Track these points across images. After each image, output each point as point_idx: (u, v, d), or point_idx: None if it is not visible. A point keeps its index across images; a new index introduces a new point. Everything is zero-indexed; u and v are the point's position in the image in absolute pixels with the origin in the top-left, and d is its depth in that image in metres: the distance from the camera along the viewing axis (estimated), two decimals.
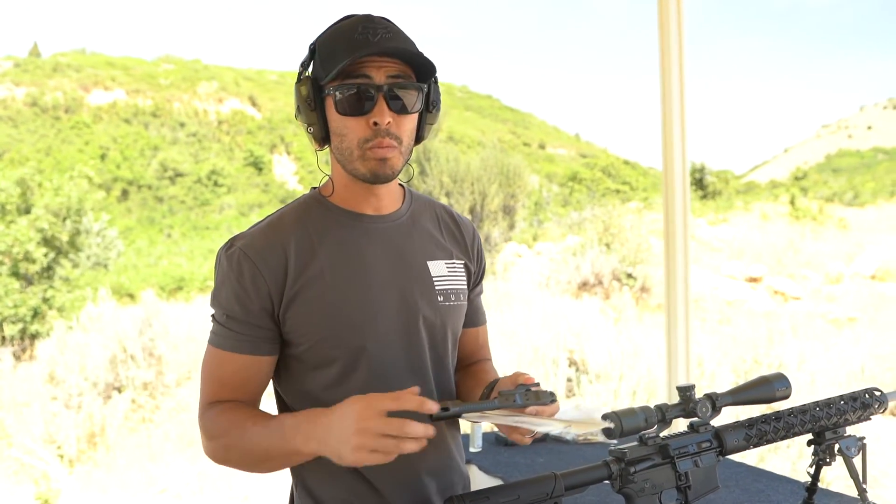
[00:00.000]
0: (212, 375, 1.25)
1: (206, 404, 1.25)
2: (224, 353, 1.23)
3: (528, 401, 1.11)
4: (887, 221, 19.77)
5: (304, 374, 1.27)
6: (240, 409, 1.21)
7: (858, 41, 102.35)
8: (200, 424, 1.25)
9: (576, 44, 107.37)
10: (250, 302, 1.21)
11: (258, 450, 1.15)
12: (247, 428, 1.16)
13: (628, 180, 31.54)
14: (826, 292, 13.30)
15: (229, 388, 1.24)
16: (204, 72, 49.17)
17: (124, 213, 31.96)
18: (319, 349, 1.24)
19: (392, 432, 0.98)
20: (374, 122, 1.19)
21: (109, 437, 6.55)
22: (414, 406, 0.99)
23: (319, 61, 1.22)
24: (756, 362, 6.51)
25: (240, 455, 1.19)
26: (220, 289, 1.24)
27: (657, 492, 1.25)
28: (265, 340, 1.23)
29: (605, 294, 11.98)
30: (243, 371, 1.24)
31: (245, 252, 1.22)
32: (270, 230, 1.26)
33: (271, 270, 1.21)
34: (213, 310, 1.26)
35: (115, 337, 7.46)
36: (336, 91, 1.19)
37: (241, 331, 1.22)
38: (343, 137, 1.23)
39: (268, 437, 1.14)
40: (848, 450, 1.38)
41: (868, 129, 75.45)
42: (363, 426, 0.99)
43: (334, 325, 1.23)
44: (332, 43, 1.21)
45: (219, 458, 1.23)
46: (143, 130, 40.39)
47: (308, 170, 41.14)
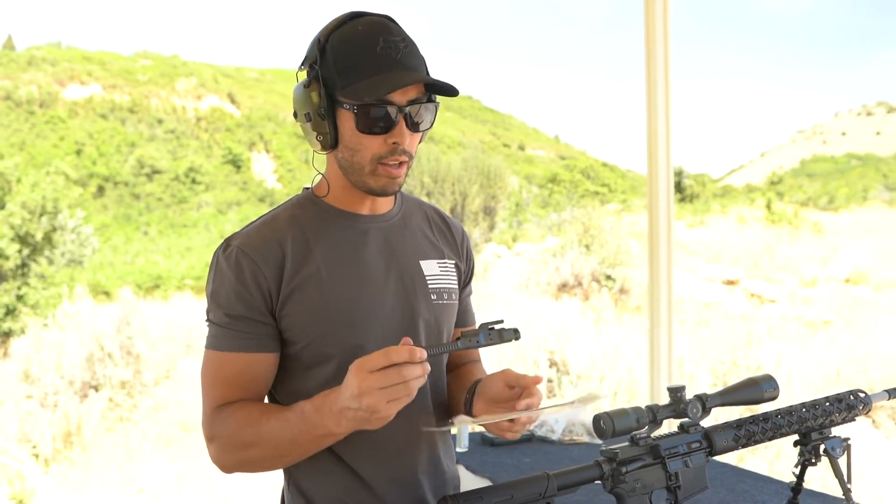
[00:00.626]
0: (216, 379, 1.23)
1: (213, 409, 1.22)
2: (227, 354, 1.22)
3: (491, 340, 1.11)
4: (860, 226, 20.10)
5: (298, 374, 1.26)
6: (251, 406, 1.20)
7: (834, 49, 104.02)
8: (209, 432, 1.21)
9: (556, 46, 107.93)
10: (252, 299, 1.20)
11: (283, 442, 1.14)
12: (262, 423, 1.15)
13: (607, 182, 31.70)
14: (801, 295, 13.50)
15: (236, 390, 1.22)
16: (182, 68, 48.73)
17: (100, 209, 31.58)
18: (315, 348, 1.23)
19: (393, 382, 0.99)
20: (394, 143, 1.19)
21: (86, 437, 6.47)
22: (404, 357, 1.00)
23: (335, 70, 1.18)
24: (734, 364, 6.59)
25: (260, 451, 1.16)
26: (219, 290, 1.22)
27: (648, 492, 1.26)
28: (269, 337, 1.23)
29: (584, 295, 12.05)
30: (249, 370, 1.22)
31: (243, 250, 1.21)
32: (266, 228, 1.25)
33: (269, 267, 1.21)
34: (211, 313, 1.24)
35: (91, 335, 7.37)
36: (356, 109, 1.17)
37: (245, 329, 1.21)
38: (356, 152, 1.21)
39: (290, 427, 1.12)
40: (833, 450, 1.40)
41: (842, 135, 76.65)
42: (364, 387, 0.99)
43: (330, 324, 1.22)
44: (351, 53, 1.18)
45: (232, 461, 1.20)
46: (119, 126, 39.94)
47: (287, 168, 40.94)
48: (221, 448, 1.20)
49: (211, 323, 1.24)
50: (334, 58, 1.19)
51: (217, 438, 1.20)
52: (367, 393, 0.99)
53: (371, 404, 0.99)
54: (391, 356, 1.00)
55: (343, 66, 1.18)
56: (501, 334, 1.11)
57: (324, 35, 1.21)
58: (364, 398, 0.99)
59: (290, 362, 1.26)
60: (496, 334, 1.10)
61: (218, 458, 1.21)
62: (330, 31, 1.21)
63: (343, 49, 1.19)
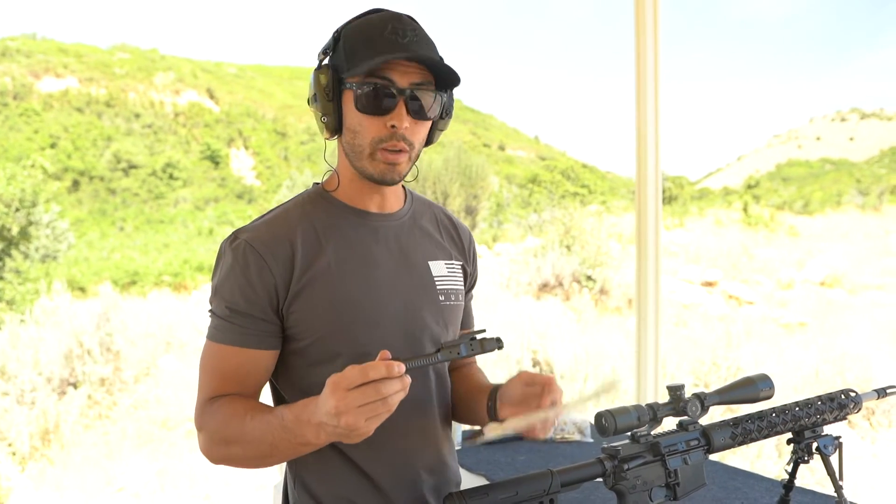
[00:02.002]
0: (213, 370, 1.23)
1: (206, 400, 1.22)
2: (226, 347, 1.21)
3: (472, 350, 1.09)
4: (835, 230, 20.42)
5: (304, 370, 1.26)
6: (238, 402, 1.19)
7: (810, 56, 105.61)
8: (199, 421, 1.22)
9: (537, 47, 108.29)
10: (255, 295, 1.20)
11: (263, 444, 1.13)
12: (245, 422, 1.14)
13: (587, 184, 31.87)
14: (778, 297, 13.69)
15: (231, 383, 1.22)
16: (161, 62, 48.22)
17: (75, 204, 31.19)
18: (322, 345, 1.23)
19: (371, 399, 0.97)
20: (392, 125, 1.20)
21: (64, 435, 6.38)
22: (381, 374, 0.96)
23: (343, 53, 1.21)
24: (714, 364, 6.67)
25: (243, 449, 1.16)
26: (224, 282, 1.22)
27: (648, 488, 1.29)
28: (269, 334, 1.22)
29: (565, 295, 12.12)
30: (246, 365, 1.22)
31: (251, 244, 1.20)
32: (276, 224, 1.25)
33: (278, 263, 1.20)
34: (214, 304, 1.24)
35: (70, 331, 7.27)
36: (357, 87, 1.19)
37: (246, 324, 1.20)
38: (356, 134, 1.22)
39: (270, 431, 1.11)
40: (825, 448, 1.44)
41: (817, 140, 77.73)
42: (342, 407, 0.97)
43: (339, 322, 1.22)
44: (360, 37, 1.20)
45: (218, 454, 1.20)
46: (96, 120, 39.43)
47: (266, 165, 40.68)
48: (208, 440, 1.20)
49: (213, 314, 1.24)
50: (346, 44, 1.22)
51: (205, 429, 1.20)
52: (344, 412, 0.97)
53: (349, 423, 0.97)
54: (368, 373, 0.97)
55: (350, 48, 1.21)
56: (483, 344, 1.09)
57: (341, 26, 1.24)
58: (342, 417, 0.97)
59: (296, 358, 1.26)
60: (478, 344, 1.09)
61: (205, 449, 1.21)
62: (347, 22, 1.24)
63: (354, 35, 1.22)
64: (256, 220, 1.28)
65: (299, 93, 51.92)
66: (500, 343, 1.11)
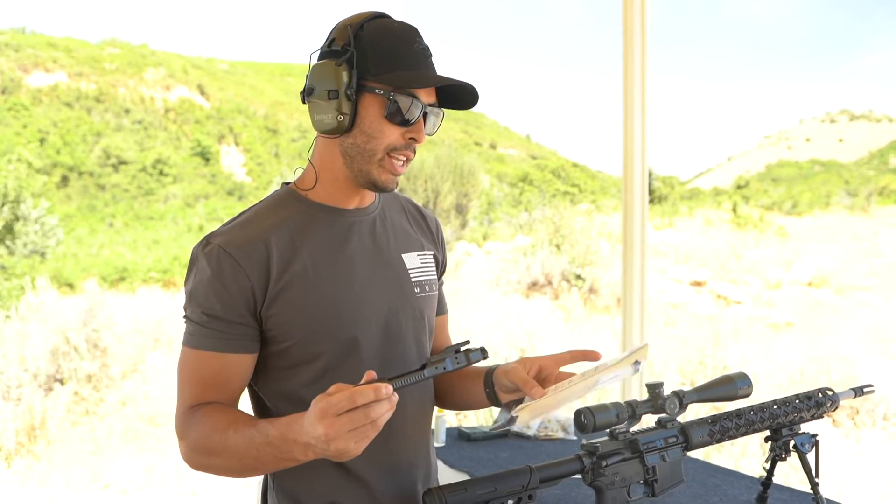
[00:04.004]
0: (191, 377, 1.22)
1: (187, 408, 1.21)
2: (204, 353, 1.20)
3: (458, 363, 1.09)
4: (823, 231, 20.56)
5: (283, 372, 1.25)
6: (220, 413, 1.18)
7: (801, 57, 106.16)
8: (180, 430, 1.21)
9: (528, 46, 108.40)
10: (232, 299, 1.19)
11: (247, 458, 1.12)
12: (228, 435, 1.13)
13: (577, 183, 31.99)
14: (766, 298, 13.78)
15: (211, 389, 1.21)
16: (151, 57, 47.95)
17: (64, 199, 30.99)
18: (303, 346, 1.23)
19: (360, 424, 0.97)
20: (412, 138, 1.23)
21: (50, 431, 6.35)
22: (369, 398, 0.97)
23: (371, 56, 1.20)
24: (701, 363, 6.71)
25: (225, 461, 1.15)
26: (198, 287, 1.20)
27: (626, 485, 1.30)
28: (247, 338, 1.21)
29: (554, 294, 12.15)
30: (225, 371, 1.21)
31: (224, 249, 1.19)
32: (249, 226, 1.23)
33: (254, 267, 1.19)
34: (189, 310, 1.22)
35: (56, 328, 7.23)
36: (389, 95, 1.19)
37: (223, 329, 1.19)
38: (372, 138, 1.22)
39: (254, 446, 1.09)
40: (802, 446, 1.46)
41: (806, 141, 78.18)
42: (332, 433, 0.97)
43: (319, 322, 1.22)
44: (390, 44, 1.21)
45: (199, 464, 1.19)
46: (85, 115, 39.19)
47: (257, 162, 40.55)
48: (190, 449, 1.19)
49: (188, 320, 1.23)
50: (370, 45, 1.20)
51: (186, 438, 1.19)
52: (334, 438, 0.97)
53: (339, 448, 0.98)
54: (356, 398, 0.96)
55: (380, 54, 1.20)
56: (468, 356, 1.09)
57: (355, 23, 1.23)
58: (332, 443, 0.97)
59: (276, 360, 1.25)
60: (463, 356, 1.09)
61: (187, 457, 1.21)
62: (362, 20, 1.23)
63: (381, 39, 1.21)
64: (228, 223, 1.27)
65: (291, 89, 51.75)
66: (485, 353, 1.11)
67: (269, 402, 1.29)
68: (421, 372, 1.06)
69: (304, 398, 1.22)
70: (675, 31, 75.57)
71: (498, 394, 1.31)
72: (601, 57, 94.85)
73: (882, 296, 14.20)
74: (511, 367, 1.26)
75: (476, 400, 1.39)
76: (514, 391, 1.27)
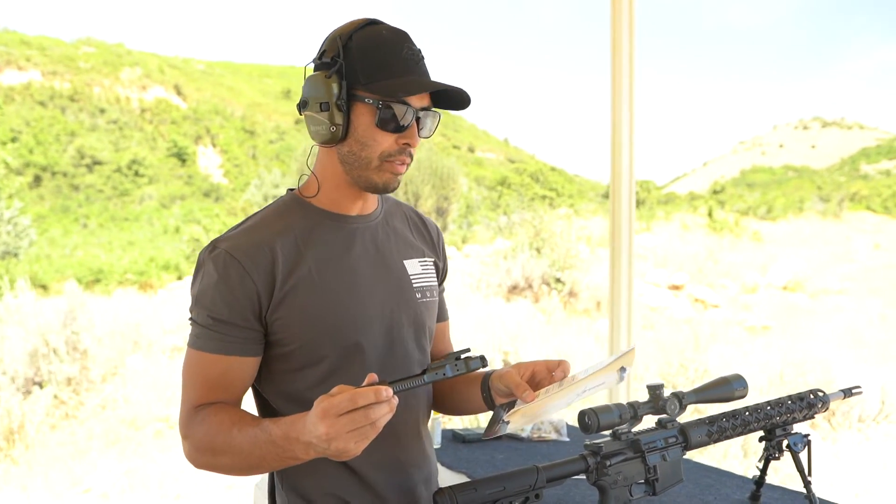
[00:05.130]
0: (196, 379, 1.24)
1: (192, 409, 1.24)
2: (209, 355, 1.23)
3: (458, 370, 1.11)
4: (797, 235, 20.89)
5: (288, 374, 1.28)
6: (224, 413, 1.20)
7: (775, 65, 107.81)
8: (184, 430, 1.23)
9: (507, 50, 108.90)
10: (237, 303, 1.21)
11: (251, 457, 1.14)
12: (233, 434, 1.16)
13: (555, 187, 32.11)
14: (742, 301, 13.97)
15: (216, 391, 1.24)
16: (127, 57, 47.40)
17: (37, 200, 30.53)
18: (308, 349, 1.25)
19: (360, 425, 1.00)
20: (405, 143, 1.25)
21: (29, 434, 6.27)
22: (370, 400, 0.99)
23: (360, 66, 1.22)
24: (682, 366, 6.80)
25: (230, 460, 1.17)
26: (205, 291, 1.23)
27: (628, 484, 1.34)
28: (252, 342, 1.24)
29: (534, 297, 12.22)
30: (230, 373, 1.24)
31: (231, 254, 1.22)
32: (254, 232, 1.26)
33: (259, 272, 1.22)
34: (195, 313, 1.25)
35: (35, 330, 7.14)
36: (376, 104, 1.22)
37: (228, 332, 1.22)
38: (365, 146, 1.25)
39: (258, 445, 1.12)
40: (795, 445, 1.51)
41: (780, 147, 79.27)
42: (333, 433, 1.00)
43: (323, 326, 1.25)
44: (378, 53, 1.22)
45: (203, 463, 1.22)
46: (59, 115, 38.63)
47: (234, 163, 40.23)
48: (194, 448, 1.21)
49: (194, 323, 1.25)
50: (360, 54, 1.22)
51: (191, 438, 1.22)
52: (335, 438, 1.00)
53: (339, 447, 1.01)
54: (357, 400, 0.99)
55: (369, 63, 1.22)
56: (468, 363, 1.12)
57: (345, 33, 1.24)
58: (332, 443, 1.00)
59: (280, 363, 1.27)
60: (462, 364, 1.11)
61: (190, 457, 1.23)
62: (351, 30, 1.24)
63: (369, 48, 1.23)
64: (234, 228, 1.29)
65: (268, 90, 51.43)
66: (485, 361, 1.14)
67: (272, 402, 1.31)
68: (421, 377, 1.09)
69: (309, 400, 1.23)
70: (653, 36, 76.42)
71: (494, 398, 1.34)
72: (580, 60, 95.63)
73: (855, 299, 14.47)
74: (505, 371, 1.29)
75: (474, 404, 1.41)
76: (508, 395, 1.30)
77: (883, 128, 77.18)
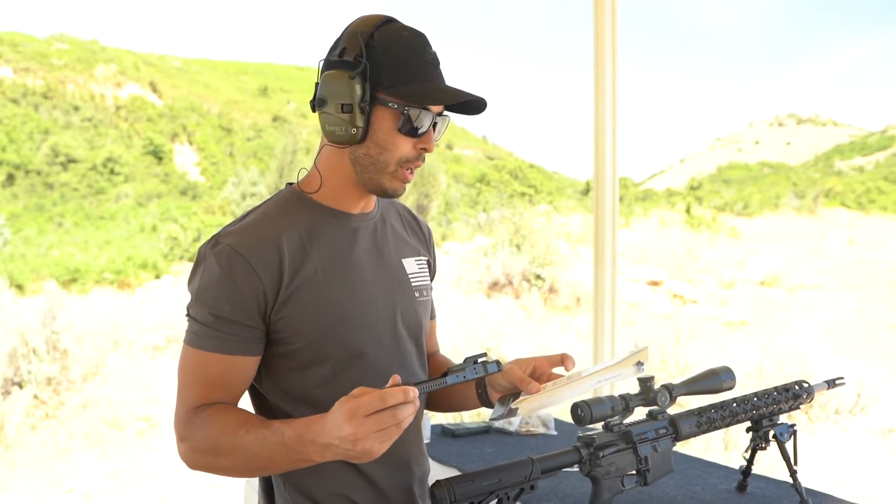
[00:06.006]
0: (195, 378, 1.21)
1: (192, 409, 1.20)
2: (209, 354, 1.20)
3: (476, 374, 1.13)
4: (773, 231, 21.14)
5: (292, 373, 1.26)
6: (229, 414, 1.18)
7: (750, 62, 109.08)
8: (182, 431, 1.20)
9: (485, 48, 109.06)
10: (243, 301, 1.18)
11: (259, 458, 1.13)
12: (239, 435, 1.13)
13: (534, 183, 32.19)
14: (720, 297, 14.14)
15: (216, 391, 1.21)
16: (102, 54, 46.75)
17: (9, 199, 30.08)
18: (312, 348, 1.24)
19: (388, 425, 1.00)
20: (423, 148, 1.25)
21: (9, 435, 6.21)
22: (399, 400, 0.99)
23: (383, 68, 1.20)
24: (662, 361, 6.88)
25: (233, 461, 1.15)
26: (207, 287, 1.19)
27: (620, 475, 1.37)
28: (254, 340, 1.21)
29: (515, 294, 12.28)
30: (230, 372, 1.21)
31: (236, 250, 1.18)
32: (260, 228, 1.23)
33: (266, 269, 1.19)
34: (195, 310, 1.21)
35: (14, 329, 7.06)
36: (404, 110, 1.21)
37: (230, 331, 1.19)
38: (385, 150, 1.23)
39: (267, 447, 1.10)
40: (781, 436, 1.55)
41: (756, 144, 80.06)
42: (360, 433, 0.99)
43: (328, 325, 1.24)
44: (402, 56, 1.21)
45: (202, 464, 1.19)
46: (32, 112, 38.04)
47: (211, 161, 39.87)
48: (193, 450, 1.19)
49: (193, 320, 1.22)
50: (383, 56, 1.20)
51: (190, 439, 1.19)
52: (362, 438, 0.99)
53: (366, 448, 1.00)
54: (387, 399, 0.99)
55: (393, 66, 1.20)
56: (486, 367, 1.15)
57: (365, 31, 1.22)
58: (359, 443, 0.99)
59: (284, 361, 1.26)
60: (481, 367, 1.15)
61: (187, 458, 1.20)
62: (371, 28, 1.22)
63: (393, 50, 1.21)
64: (235, 223, 1.26)
65: (245, 87, 51.00)
66: (500, 366, 1.17)
67: (273, 400, 1.29)
68: (443, 379, 1.11)
69: (314, 398, 1.26)
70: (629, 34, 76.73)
71: (490, 394, 1.35)
72: (559, 57, 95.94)
73: (831, 294, 14.70)
74: (507, 368, 1.30)
75: (468, 402, 1.43)
76: (510, 390, 1.31)
77: (856, 124, 78.27)
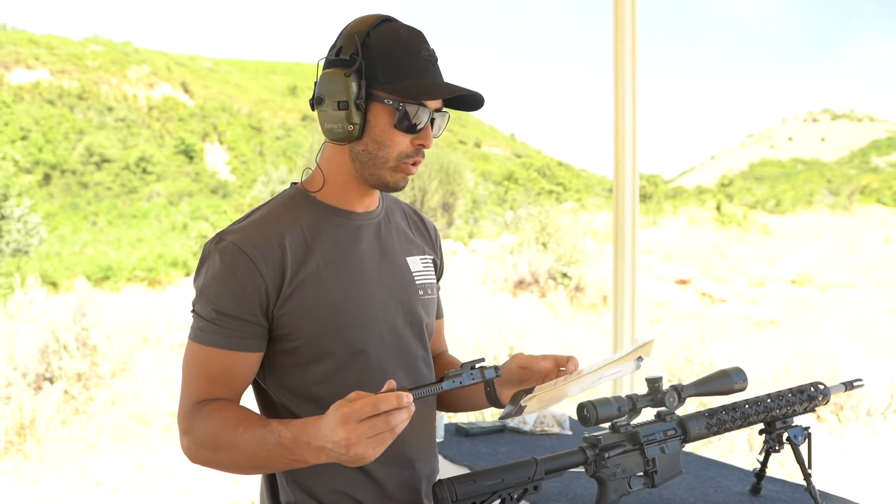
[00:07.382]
0: (198, 373, 1.23)
1: (194, 404, 1.22)
2: (212, 349, 1.21)
3: (474, 379, 1.13)
4: (805, 229, 20.78)
5: (293, 369, 1.27)
6: (229, 410, 1.19)
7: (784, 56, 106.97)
8: (185, 426, 1.21)
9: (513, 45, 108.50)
10: (245, 297, 1.20)
11: (256, 457, 1.13)
12: (238, 433, 1.14)
13: (562, 181, 32.04)
14: (750, 295, 13.93)
15: (218, 386, 1.22)
16: (134, 55, 47.56)
17: (46, 198, 30.70)
18: (314, 345, 1.25)
19: (381, 430, 1.00)
20: (420, 144, 1.26)
21: (40, 429, 6.33)
22: (392, 405, 0.99)
23: (378, 65, 1.22)
24: (688, 360, 6.79)
25: (232, 458, 1.16)
26: (210, 284, 1.21)
27: (627, 476, 1.35)
28: (256, 337, 1.23)
29: (540, 292, 12.23)
30: (232, 368, 1.22)
31: (239, 247, 1.20)
32: (263, 225, 1.25)
33: (269, 266, 1.21)
34: (198, 306, 1.23)
35: (46, 326, 7.20)
36: (400, 106, 1.22)
37: (233, 327, 1.20)
38: (382, 146, 1.25)
39: (265, 446, 1.11)
40: (795, 438, 1.52)
41: (789, 140, 78.69)
42: (353, 438, 0.99)
43: (330, 322, 1.25)
44: (397, 53, 1.22)
45: (202, 459, 1.21)
46: (68, 113, 38.83)
47: (241, 160, 40.33)
48: (194, 444, 1.20)
49: (197, 315, 1.23)
50: (378, 54, 1.22)
51: (192, 434, 1.20)
52: (355, 443, 0.99)
53: (359, 453, 1.00)
54: (379, 405, 0.99)
55: (388, 63, 1.22)
56: (483, 372, 1.14)
57: (361, 30, 1.23)
58: (352, 448, 0.99)
59: (285, 358, 1.27)
60: (478, 373, 1.14)
61: (189, 452, 1.22)
62: (368, 27, 1.23)
63: (388, 47, 1.22)
64: (240, 221, 1.28)
65: (275, 87, 51.48)
66: (499, 371, 1.16)
67: (276, 397, 1.30)
68: (439, 384, 1.11)
69: (316, 395, 1.26)
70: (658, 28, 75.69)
71: (499, 392, 1.36)
72: (586, 54, 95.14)
73: (864, 293, 14.40)
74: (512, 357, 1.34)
75: (476, 401, 1.43)
76: (521, 383, 1.32)
77: (894, 120, 76.58)
